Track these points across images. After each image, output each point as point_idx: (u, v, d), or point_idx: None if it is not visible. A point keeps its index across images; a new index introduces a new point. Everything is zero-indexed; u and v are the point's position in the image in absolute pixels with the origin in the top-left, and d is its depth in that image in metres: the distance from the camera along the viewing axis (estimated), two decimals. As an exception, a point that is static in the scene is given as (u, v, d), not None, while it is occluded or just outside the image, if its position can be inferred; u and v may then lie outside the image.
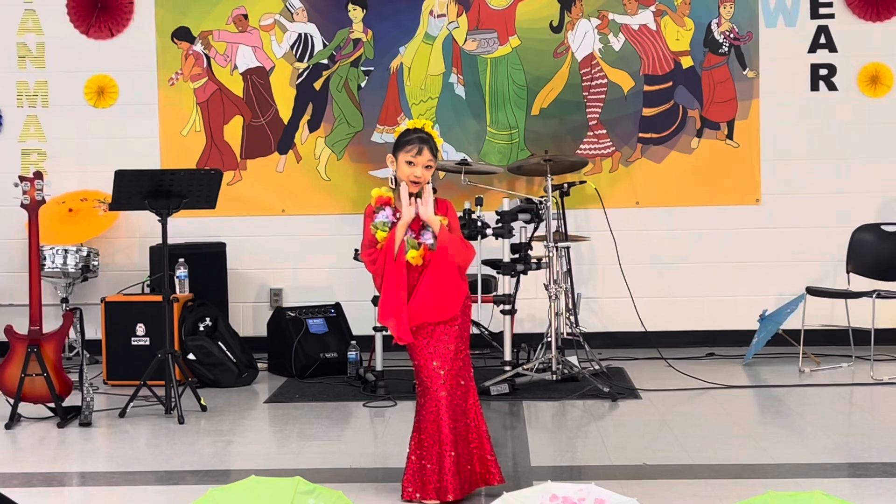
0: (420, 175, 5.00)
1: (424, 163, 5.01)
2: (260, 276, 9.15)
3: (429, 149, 5.02)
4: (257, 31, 9.13)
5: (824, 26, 9.00)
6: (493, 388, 7.31)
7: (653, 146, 9.07)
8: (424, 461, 4.97)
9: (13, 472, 5.82)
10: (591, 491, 3.65)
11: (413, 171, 5.00)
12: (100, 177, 8.56)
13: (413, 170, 5.00)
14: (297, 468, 5.44)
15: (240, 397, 7.61)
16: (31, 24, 9.16)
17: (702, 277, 9.07)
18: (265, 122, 9.15)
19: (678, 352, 8.58)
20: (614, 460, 5.80)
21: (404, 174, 5.01)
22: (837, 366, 8.12)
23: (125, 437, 6.53)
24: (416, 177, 5.00)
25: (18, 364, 6.72)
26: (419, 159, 5.00)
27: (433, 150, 5.04)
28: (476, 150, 9.03)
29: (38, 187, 6.80)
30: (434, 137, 5.09)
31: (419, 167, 5.00)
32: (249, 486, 3.74)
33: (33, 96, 9.17)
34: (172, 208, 7.05)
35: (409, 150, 5.01)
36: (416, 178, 5.00)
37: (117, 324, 7.99)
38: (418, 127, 5.08)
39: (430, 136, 5.07)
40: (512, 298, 7.67)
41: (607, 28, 9.03)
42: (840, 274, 8.56)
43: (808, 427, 6.57)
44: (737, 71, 9.03)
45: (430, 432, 4.96)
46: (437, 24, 9.08)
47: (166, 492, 5.40)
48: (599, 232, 8.60)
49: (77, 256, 8.54)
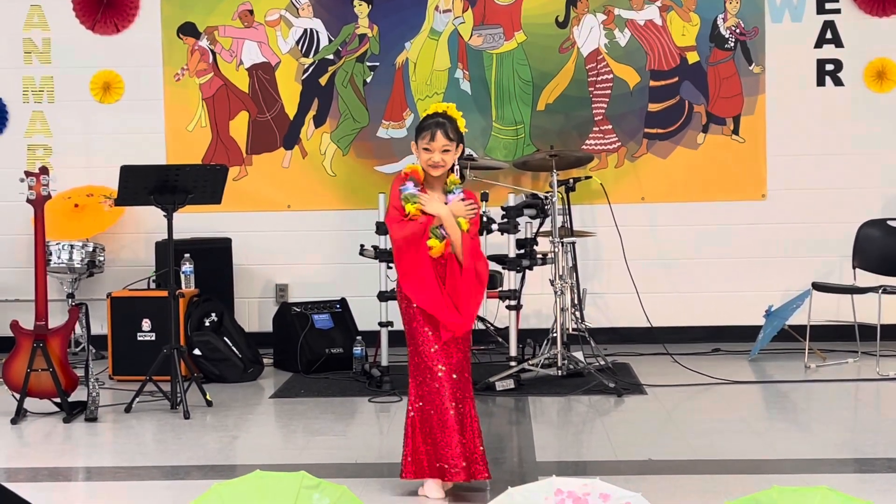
0: (438, 160, 4.98)
1: (440, 148, 4.98)
2: (265, 272, 9.15)
3: (443, 133, 4.98)
4: (263, 27, 9.13)
5: (830, 21, 8.99)
6: (498, 384, 7.30)
7: (658, 141, 9.06)
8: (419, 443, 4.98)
9: (19, 467, 5.83)
10: (596, 486, 3.65)
11: (431, 157, 4.98)
12: (105, 172, 8.57)
13: (430, 156, 4.99)
14: (303, 463, 5.45)
15: (245, 392, 7.61)
16: (37, 19, 9.16)
17: (707, 273, 9.06)
18: (271, 118, 9.15)
19: (684, 347, 8.58)
20: (619, 456, 5.80)
21: (423, 161, 5.01)
22: (843, 361, 8.11)
23: (131, 432, 6.53)
24: (434, 162, 4.98)
25: (24, 359, 6.73)
26: (434, 145, 4.99)
27: (449, 134, 4.99)
28: (482, 145, 9.02)
29: (44, 182, 6.80)
30: (456, 119, 5.04)
31: (436, 153, 4.98)
32: (254, 480, 3.74)
33: (39, 92, 9.18)
34: (178, 203, 7.05)
35: (424, 137, 5.00)
36: (434, 164, 4.99)
37: (123, 319, 7.99)
38: (438, 111, 5.06)
39: (446, 120, 5.02)
40: (517, 294, 7.67)
41: (613, 23, 9.02)
42: (846, 269, 8.55)
43: (814, 423, 6.57)
44: (743, 66, 9.02)
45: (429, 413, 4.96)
46: (443, 20, 9.07)
47: (172, 487, 5.41)
48: (605, 227, 8.59)
49: (83, 252, 8.55)
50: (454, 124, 5.04)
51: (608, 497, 3.62)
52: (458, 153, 5.05)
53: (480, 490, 5.10)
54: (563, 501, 3.60)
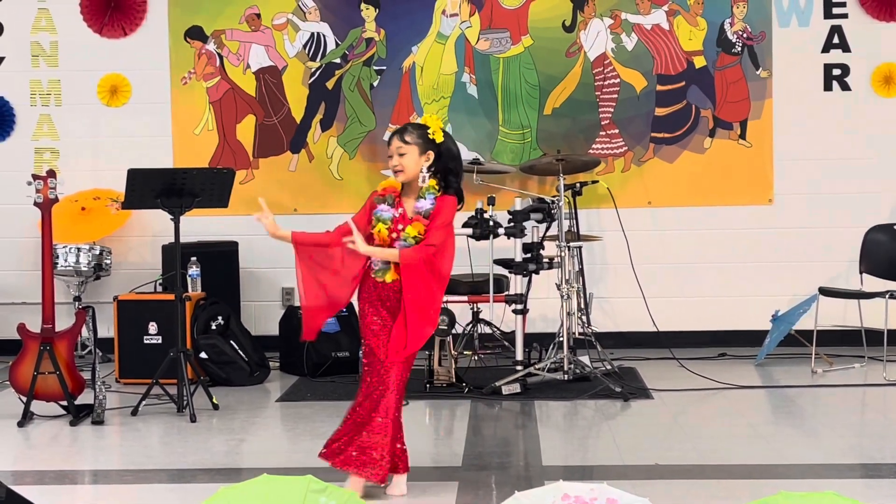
0: (396, 163, 5.07)
1: (395, 151, 5.07)
2: (272, 275, 9.15)
3: (399, 137, 5.09)
4: (270, 31, 9.14)
5: (838, 26, 8.98)
6: (504, 388, 7.30)
7: (665, 146, 9.05)
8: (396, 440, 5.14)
9: (26, 470, 5.84)
10: (603, 491, 3.65)
11: (391, 163, 5.10)
12: (112, 175, 8.57)
13: (391, 161, 5.10)
14: (309, 467, 5.43)
15: (252, 396, 7.61)
16: (45, 23, 9.18)
17: (714, 277, 9.05)
18: (277, 122, 9.16)
19: (690, 352, 8.56)
20: (626, 460, 5.79)
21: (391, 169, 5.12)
22: (850, 366, 8.10)
23: (137, 436, 6.54)
24: (393, 166, 5.08)
25: (31, 362, 6.73)
26: (391, 149, 5.10)
27: (404, 137, 5.07)
28: (488, 149, 9.02)
29: (52, 186, 6.81)
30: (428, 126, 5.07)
31: (394, 156, 5.07)
32: (261, 484, 3.74)
33: (46, 95, 9.19)
34: (185, 207, 7.06)
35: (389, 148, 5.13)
36: (394, 167, 5.08)
37: (130, 322, 8.00)
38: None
39: (409, 125, 5.15)
40: (524, 298, 7.67)
41: (620, 27, 9.02)
42: (853, 274, 8.54)
43: (821, 428, 6.56)
44: (750, 71, 9.01)
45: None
46: (450, 24, 9.07)
47: (178, 490, 5.41)
48: (611, 232, 8.59)
49: (90, 255, 8.56)
50: (419, 129, 5.09)
51: (615, 502, 3.61)
52: (428, 159, 5.06)
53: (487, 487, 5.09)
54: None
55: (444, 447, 6.23)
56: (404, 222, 5.03)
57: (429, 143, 5.04)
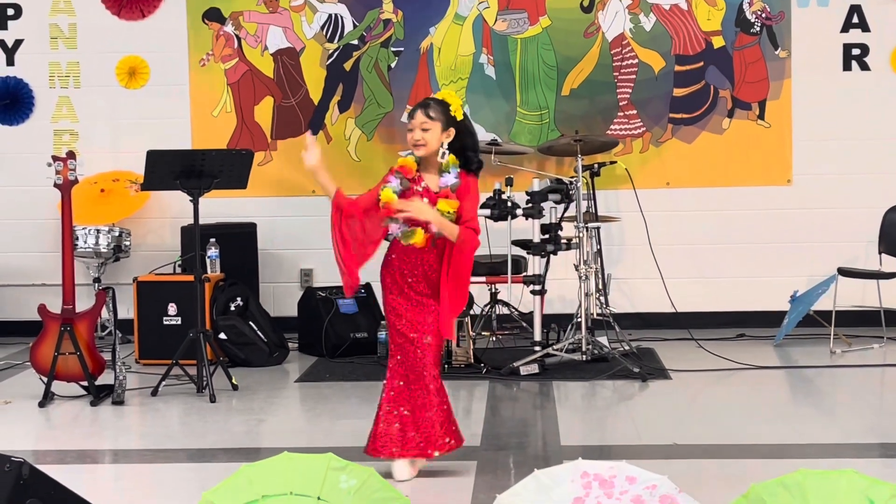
0: (418, 137, 5.05)
1: (419, 125, 5.04)
2: (290, 257, 9.18)
3: (423, 111, 5.06)
4: (287, 12, 9.14)
5: (857, 6, 8.93)
6: (522, 369, 7.31)
7: (684, 126, 9.03)
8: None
9: (47, 450, 5.88)
10: (623, 468, 3.66)
11: (412, 135, 5.07)
12: (131, 157, 8.60)
13: (412, 134, 5.07)
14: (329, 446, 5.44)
15: (271, 377, 7.64)
16: (64, 5, 9.19)
17: (733, 258, 9.03)
18: (295, 103, 9.16)
19: (708, 333, 8.55)
20: (644, 440, 5.80)
21: (409, 142, 5.10)
22: (869, 347, 8.09)
23: (157, 416, 6.58)
24: (415, 140, 5.06)
25: (52, 343, 6.77)
26: (413, 123, 5.08)
27: (429, 113, 5.05)
28: (506, 130, 9.01)
29: (71, 167, 6.84)
30: (449, 103, 5.07)
31: (416, 130, 5.05)
32: (282, 461, 3.77)
33: (65, 77, 9.21)
34: (204, 188, 7.09)
35: (409, 119, 5.11)
36: (415, 142, 5.05)
37: (149, 303, 8.04)
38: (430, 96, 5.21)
39: (432, 101, 5.11)
40: (542, 279, 7.67)
41: (638, 8, 8.99)
42: (872, 255, 8.52)
43: (840, 408, 6.56)
44: (768, 51, 8.98)
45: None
46: (468, 5, 9.06)
47: (198, 469, 5.45)
48: (630, 213, 8.57)
49: (109, 236, 8.59)
50: (441, 105, 5.08)
51: (634, 480, 3.62)
52: (448, 136, 5.05)
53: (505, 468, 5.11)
54: (590, 484, 3.61)
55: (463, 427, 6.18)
56: (430, 196, 5.02)
57: (451, 119, 5.05)
